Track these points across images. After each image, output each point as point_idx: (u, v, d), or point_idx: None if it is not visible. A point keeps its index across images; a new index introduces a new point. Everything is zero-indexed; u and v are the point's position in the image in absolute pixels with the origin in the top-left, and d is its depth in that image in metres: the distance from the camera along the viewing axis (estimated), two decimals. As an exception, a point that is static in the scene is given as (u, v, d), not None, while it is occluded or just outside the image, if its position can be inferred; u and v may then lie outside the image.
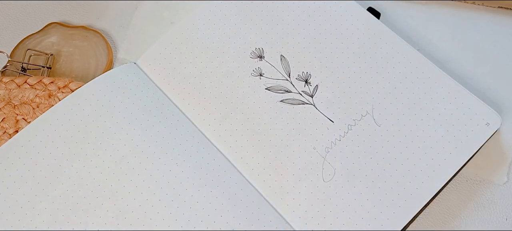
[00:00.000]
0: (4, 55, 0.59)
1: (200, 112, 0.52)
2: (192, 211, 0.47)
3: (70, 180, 0.48)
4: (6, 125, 0.55)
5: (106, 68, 0.58)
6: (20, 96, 0.56)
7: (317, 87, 0.51)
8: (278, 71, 0.52)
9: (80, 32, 0.60)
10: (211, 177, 0.48)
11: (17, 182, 0.48)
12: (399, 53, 0.52)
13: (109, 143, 0.50)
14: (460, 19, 0.57)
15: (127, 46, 0.60)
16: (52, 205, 0.47)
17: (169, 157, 0.49)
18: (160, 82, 0.54)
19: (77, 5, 0.63)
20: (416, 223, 0.48)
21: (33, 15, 0.63)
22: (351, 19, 0.54)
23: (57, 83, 0.56)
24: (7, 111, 0.55)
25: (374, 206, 0.46)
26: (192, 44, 0.55)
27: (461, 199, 0.49)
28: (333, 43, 0.53)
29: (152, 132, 0.50)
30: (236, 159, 0.49)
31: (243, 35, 0.54)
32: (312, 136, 0.49)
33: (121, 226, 0.47)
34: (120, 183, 0.48)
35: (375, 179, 0.47)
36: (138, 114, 0.51)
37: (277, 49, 0.53)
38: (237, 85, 0.52)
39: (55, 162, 0.49)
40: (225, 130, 0.51)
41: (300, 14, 0.54)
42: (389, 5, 0.58)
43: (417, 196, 0.46)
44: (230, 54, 0.54)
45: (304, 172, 0.48)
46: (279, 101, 0.51)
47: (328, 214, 0.46)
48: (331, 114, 0.50)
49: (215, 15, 0.56)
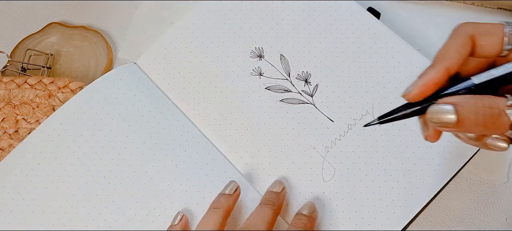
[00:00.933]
0: (4, 55, 0.59)
1: (200, 112, 0.52)
2: (193, 213, 0.47)
3: (75, 184, 0.49)
4: (6, 125, 0.55)
5: (106, 68, 0.58)
6: (20, 96, 0.56)
7: (317, 87, 0.51)
8: (278, 71, 0.52)
9: (80, 32, 0.60)
10: (211, 177, 0.48)
11: (26, 187, 0.49)
12: (399, 53, 0.52)
13: (110, 146, 0.50)
14: (460, 19, 0.57)
15: (127, 46, 0.60)
16: (56, 206, 0.48)
17: (169, 159, 0.49)
18: (160, 82, 0.54)
19: (77, 5, 0.63)
20: (416, 223, 0.48)
21: (33, 15, 0.63)
22: (351, 19, 0.54)
23: (57, 83, 0.56)
24: (7, 111, 0.55)
25: (374, 206, 0.46)
26: (192, 44, 0.55)
27: (461, 199, 0.49)
28: (333, 42, 0.53)
29: (152, 134, 0.50)
30: (236, 159, 0.49)
31: (243, 35, 0.54)
32: (312, 135, 0.49)
33: (119, 221, 0.47)
34: (122, 186, 0.48)
35: (375, 179, 0.47)
36: (138, 115, 0.51)
37: (277, 48, 0.53)
38: (237, 85, 0.52)
39: (60, 166, 0.50)
40: (225, 130, 0.50)
41: (300, 13, 0.54)
42: (389, 5, 0.58)
43: (417, 196, 0.46)
44: (230, 53, 0.54)
45: (304, 171, 0.48)
46: (279, 100, 0.51)
47: (328, 214, 0.46)
48: (331, 113, 0.50)
49: (215, 14, 0.56)
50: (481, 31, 0.36)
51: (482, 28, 0.36)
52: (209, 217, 0.44)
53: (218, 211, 0.44)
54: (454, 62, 0.35)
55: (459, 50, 0.36)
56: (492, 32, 0.36)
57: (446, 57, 0.36)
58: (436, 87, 0.35)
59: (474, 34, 0.36)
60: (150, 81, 0.54)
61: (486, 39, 0.36)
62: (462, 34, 0.36)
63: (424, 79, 0.35)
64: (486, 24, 0.36)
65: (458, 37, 0.36)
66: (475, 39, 0.36)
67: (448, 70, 0.35)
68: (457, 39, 0.36)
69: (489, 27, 0.36)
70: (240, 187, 0.46)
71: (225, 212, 0.44)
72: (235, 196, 0.46)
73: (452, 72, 0.35)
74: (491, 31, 0.36)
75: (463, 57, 0.36)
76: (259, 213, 0.44)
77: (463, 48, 0.36)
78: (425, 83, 0.35)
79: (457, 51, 0.36)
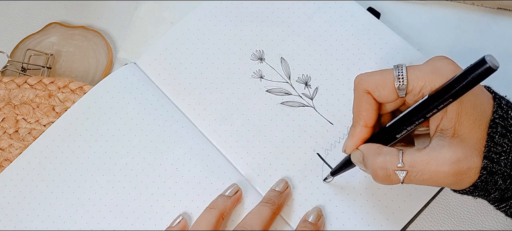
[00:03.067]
0: (4, 55, 0.59)
1: (200, 113, 0.52)
2: (193, 215, 0.47)
3: (80, 189, 0.49)
4: (6, 125, 0.55)
5: (106, 68, 0.58)
6: (20, 96, 0.56)
7: (317, 90, 0.51)
8: (279, 74, 0.52)
9: (80, 32, 0.60)
10: (210, 179, 0.48)
11: (32, 192, 0.50)
12: (399, 54, 0.52)
13: (113, 151, 0.50)
14: (460, 19, 0.57)
15: (127, 46, 0.60)
16: (61, 210, 0.49)
17: (169, 162, 0.49)
18: (160, 82, 0.54)
19: (77, 5, 0.63)
20: (416, 223, 0.48)
21: (33, 15, 0.63)
22: (351, 19, 0.54)
23: (57, 83, 0.56)
24: (7, 111, 0.55)
25: (373, 207, 0.46)
26: (193, 44, 0.55)
27: (461, 199, 0.49)
28: (333, 44, 0.53)
29: (152, 137, 0.51)
30: (236, 160, 0.49)
31: (244, 37, 0.54)
32: (312, 138, 0.49)
33: (122, 226, 0.47)
34: (125, 190, 0.49)
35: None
36: (139, 119, 0.52)
37: (278, 51, 0.53)
38: (238, 87, 0.52)
39: (65, 171, 0.50)
40: (225, 131, 0.51)
41: (301, 15, 0.54)
42: (389, 5, 0.58)
43: (417, 196, 0.46)
44: (231, 55, 0.54)
45: (304, 173, 0.48)
46: (279, 103, 0.51)
47: (328, 215, 0.46)
48: (331, 116, 0.50)
49: (215, 15, 0.56)
50: (373, 86, 0.38)
51: (373, 81, 0.38)
52: (203, 217, 0.44)
53: (213, 211, 0.44)
54: (367, 118, 0.40)
55: (365, 108, 0.39)
56: (383, 84, 0.38)
57: (359, 117, 0.40)
58: (363, 140, 0.40)
59: (369, 90, 0.39)
60: (150, 82, 0.54)
61: (379, 92, 0.38)
62: (360, 92, 0.39)
63: (351, 139, 0.40)
64: (376, 75, 0.39)
65: (358, 97, 0.40)
66: (371, 93, 0.39)
67: (366, 125, 0.40)
68: (359, 98, 0.40)
69: (379, 78, 0.38)
70: (241, 190, 0.47)
71: (220, 213, 0.44)
72: (234, 198, 0.46)
73: (370, 125, 0.40)
74: (382, 83, 0.38)
75: (371, 113, 0.39)
76: (257, 212, 0.44)
77: (367, 104, 0.39)
78: (354, 141, 0.40)
79: (365, 110, 0.39)
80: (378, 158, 0.37)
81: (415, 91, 0.37)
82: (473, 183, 0.36)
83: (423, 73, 0.37)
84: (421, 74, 0.37)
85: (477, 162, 0.35)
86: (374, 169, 0.37)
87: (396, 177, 0.36)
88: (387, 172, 0.37)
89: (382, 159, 0.37)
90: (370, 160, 0.38)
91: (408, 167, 0.36)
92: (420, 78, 0.37)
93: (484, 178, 0.35)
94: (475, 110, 0.36)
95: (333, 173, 0.46)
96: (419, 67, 0.37)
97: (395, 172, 0.36)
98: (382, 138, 0.39)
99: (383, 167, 0.37)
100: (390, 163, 0.36)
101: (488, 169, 0.35)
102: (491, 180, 0.35)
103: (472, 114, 0.36)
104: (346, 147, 0.41)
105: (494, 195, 0.37)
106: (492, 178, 0.35)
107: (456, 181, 0.36)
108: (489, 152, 0.35)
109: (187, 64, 0.54)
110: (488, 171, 0.35)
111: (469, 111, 0.36)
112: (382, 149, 0.38)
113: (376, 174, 0.37)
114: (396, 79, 0.37)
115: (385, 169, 0.37)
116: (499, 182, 0.35)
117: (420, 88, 0.37)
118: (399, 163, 0.36)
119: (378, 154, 0.37)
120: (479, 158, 0.35)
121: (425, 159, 0.36)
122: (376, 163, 0.37)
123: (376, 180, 0.38)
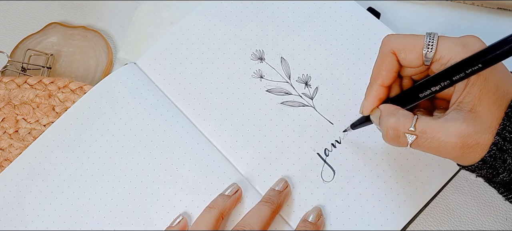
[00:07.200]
0: (4, 55, 0.59)
1: (200, 113, 0.52)
2: (193, 215, 0.47)
3: (80, 189, 0.49)
4: (6, 125, 0.55)
5: (106, 68, 0.58)
6: (20, 96, 0.56)
7: (317, 89, 0.51)
8: (279, 74, 0.52)
9: (80, 32, 0.60)
10: (210, 179, 0.48)
11: (32, 191, 0.50)
12: (399, 54, 0.52)
13: (113, 151, 0.50)
14: (459, 19, 0.57)
15: (127, 46, 0.60)
16: (62, 210, 0.49)
17: (169, 162, 0.49)
18: (160, 82, 0.54)
19: (77, 5, 0.63)
20: (416, 223, 0.48)
21: (33, 15, 0.63)
22: (351, 19, 0.54)
23: (57, 83, 0.56)
24: (7, 111, 0.55)
25: (373, 207, 0.46)
26: (193, 44, 0.55)
27: (461, 199, 0.49)
28: (333, 44, 0.53)
29: (152, 137, 0.51)
30: (237, 159, 0.49)
31: (244, 37, 0.54)
32: (312, 138, 0.49)
33: (122, 226, 0.47)
34: (125, 190, 0.49)
35: (375, 180, 0.47)
36: (139, 119, 0.52)
37: (278, 51, 0.53)
38: (238, 87, 0.52)
39: (65, 171, 0.50)
40: (225, 131, 0.51)
41: (301, 15, 0.54)
42: (389, 5, 0.58)
43: (417, 196, 0.46)
44: (231, 55, 0.54)
45: (304, 173, 0.48)
46: (279, 103, 0.51)
47: (328, 215, 0.46)
48: (331, 116, 0.50)
49: (215, 15, 0.56)
50: (401, 47, 0.39)
51: (402, 43, 0.39)
52: (202, 217, 0.44)
53: (212, 211, 0.44)
54: (385, 78, 0.40)
55: (386, 68, 0.40)
56: (411, 48, 0.38)
57: (378, 76, 0.41)
58: (380, 101, 0.41)
59: (395, 50, 0.39)
60: (150, 82, 0.54)
61: (405, 55, 0.39)
62: (386, 51, 0.40)
63: (368, 98, 0.41)
64: (406, 38, 0.39)
65: (382, 56, 0.40)
66: (396, 54, 0.39)
67: (383, 86, 0.40)
68: (381, 57, 0.40)
69: (409, 41, 0.39)
70: (241, 189, 0.47)
71: (219, 213, 0.44)
72: (233, 198, 0.46)
73: (387, 86, 0.41)
74: (410, 46, 0.39)
75: (391, 73, 0.40)
76: (256, 212, 0.44)
77: (389, 65, 0.40)
78: (370, 101, 0.41)
79: (385, 69, 0.40)
80: (392, 118, 0.38)
81: (442, 61, 0.37)
82: (482, 158, 0.36)
83: (453, 44, 0.37)
84: (451, 45, 0.37)
85: (487, 139, 0.36)
86: (386, 128, 0.38)
87: (405, 140, 0.37)
88: (397, 133, 0.37)
89: (395, 119, 0.38)
90: (385, 118, 0.39)
91: (418, 132, 0.37)
92: (449, 49, 0.37)
93: (493, 153, 0.36)
94: (497, 90, 0.36)
95: (353, 126, 0.46)
96: (450, 39, 0.38)
97: (404, 135, 0.37)
98: (403, 101, 0.40)
99: (394, 127, 0.37)
100: (402, 125, 0.37)
101: (498, 146, 0.36)
102: (501, 157, 0.36)
103: (494, 93, 0.36)
104: (363, 108, 0.42)
105: (502, 176, 0.37)
106: (501, 155, 0.36)
107: (461, 155, 0.36)
108: (504, 130, 0.36)
109: (187, 64, 0.54)
110: (498, 148, 0.36)
111: (492, 89, 0.36)
112: (399, 110, 0.39)
113: (387, 133, 0.38)
114: (426, 46, 0.38)
115: (396, 129, 0.37)
116: (508, 161, 0.36)
117: (447, 60, 0.37)
118: (411, 126, 0.37)
119: (393, 115, 0.38)
120: (490, 135, 0.36)
121: (437, 128, 0.36)
122: (389, 122, 0.38)
123: (385, 140, 0.39)
